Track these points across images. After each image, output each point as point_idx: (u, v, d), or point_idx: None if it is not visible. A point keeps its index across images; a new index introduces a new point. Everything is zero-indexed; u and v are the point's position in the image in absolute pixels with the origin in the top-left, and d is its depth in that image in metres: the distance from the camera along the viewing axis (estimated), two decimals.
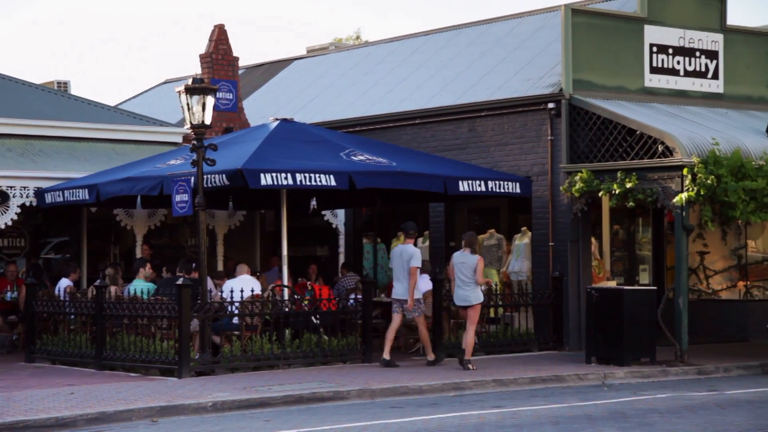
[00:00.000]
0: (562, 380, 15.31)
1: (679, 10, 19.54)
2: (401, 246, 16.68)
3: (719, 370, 16.42)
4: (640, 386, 15.01)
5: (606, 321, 16.54)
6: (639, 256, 21.10)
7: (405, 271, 16.35)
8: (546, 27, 21.27)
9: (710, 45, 19.90)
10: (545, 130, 18.96)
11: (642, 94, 19.28)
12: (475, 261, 16.27)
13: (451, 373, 15.50)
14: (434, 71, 22.53)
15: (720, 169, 16.61)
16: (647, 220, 21.08)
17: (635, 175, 17.37)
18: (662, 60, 19.44)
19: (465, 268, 16.32)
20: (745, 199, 16.73)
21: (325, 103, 23.94)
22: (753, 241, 21.35)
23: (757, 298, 20.83)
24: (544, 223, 18.98)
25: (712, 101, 19.95)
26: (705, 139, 17.22)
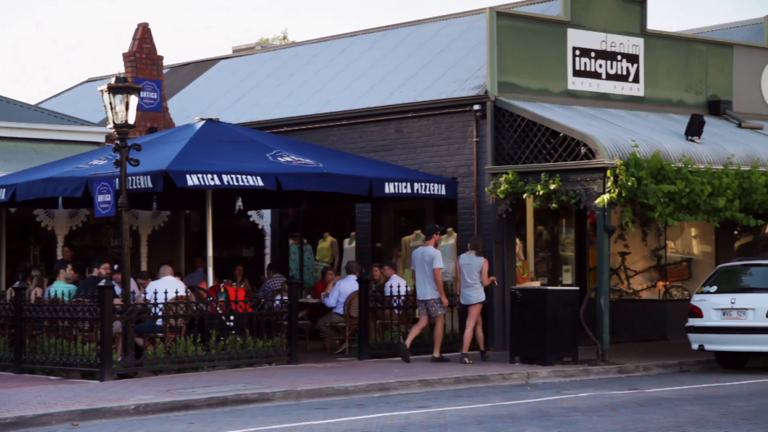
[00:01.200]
0: (486, 380, 15.45)
1: (601, 14, 19.85)
2: (421, 248, 17.26)
3: (639, 369, 16.71)
4: (562, 385, 15.21)
5: (530, 321, 16.73)
6: (562, 256, 21.38)
7: (426, 273, 16.94)
8: (472, 29, 21.44)
9: (631, 49, 20.26)
10: (471, 132, 19.11)
11: (565, 96, 19.55)
12: (481, 262, 17.08)
13: (376, 373, 15.54)
14: (361, 72, 22.56)
15: (640, 171, 16.91)
16: (570, 221, 21.37)
17: (559, 176, 17.60)
18: (585, 63, 19.73)
19: (470, 269, 17.08)
20: (664, 201, 17.06)
21: (252, 104, 23.81)
22: (672, 242, 21.79)
23: (675, 298, 21.26)
24: (470, 224, 19.12)
25: (633, 104, 20.31)
26: (626, 141, 17.52)
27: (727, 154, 18.46)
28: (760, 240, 22.44)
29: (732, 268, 17.66)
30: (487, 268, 17.15)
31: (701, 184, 17.26)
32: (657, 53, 20.60)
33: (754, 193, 17.87)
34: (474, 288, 17.09)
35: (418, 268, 17.18)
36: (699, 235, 21.93)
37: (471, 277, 17.11)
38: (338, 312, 18.52)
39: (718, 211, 17.57)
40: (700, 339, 17.01)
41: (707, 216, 17.64)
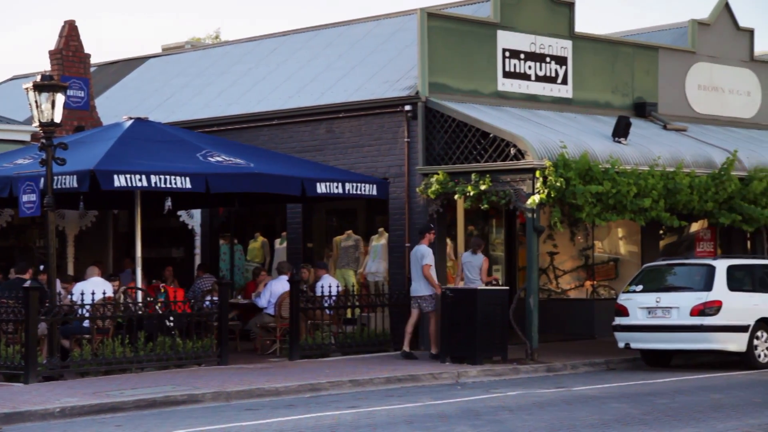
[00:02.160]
0: (417, 380, 15.51)
1: (530, 16, 20.05)
2: (416, 247, 17.73)
3: (567, 368, 16.92)
4: (492, 384, 15.34)
5: (460, 321, 16.84)
6: (492, 256, 21.55)
7: (419, 270, 17.48)
8: (402, 30, 21.50)
9: (560, 51, 20.50)
10: (402, 133, 19.17)
11: (495, 97, 19.71)
12: (481, 261, 17.72)
13: (307, 374, 15.50)
14: (292, 72, 22.49)
15: (569, 172, 17.12)
16: (500, 222, 21.56)
17: (489, 177, 17.75)
18: (514, 65, 19.91)
19: (471, 267, 17.72)
20: (592, 202, 17.29)
21: (181, 103, 23.59)
22: (599, 242, 22.10)
23: (603, 297, 21.56)
24: (401, 224, 19.18)
25: (561, 106, 20.56)
26: (555, 142, 17.72)
27: (653, 155, 18.78)
28: (684, 240, 22.88)
29: (657, 267, 17.97)
30: (486, 266, 17.79)
31: (627, 185, 17.54)
32: (585, 55, 20.88)
33: (679, 194, 18.21)
34: (475, 286, 17.58)
35: (412, 266, 17.80)
36: (626, 235, 22.27)
37: (472, 274, 17.75)
38: (269, 312, 18.45)
39: (644, 212, 17.87)
40: (626, 337, 17.28)
41: (633, 216, 17.93)
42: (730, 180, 18.97)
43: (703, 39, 22.69)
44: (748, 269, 17.47)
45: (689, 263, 17.94)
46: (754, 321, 16.71)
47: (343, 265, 20.71)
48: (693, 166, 19.07)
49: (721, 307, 16.55)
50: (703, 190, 18.63)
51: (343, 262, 20.75)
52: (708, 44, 22.76)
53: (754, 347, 16.71)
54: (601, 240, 22.12)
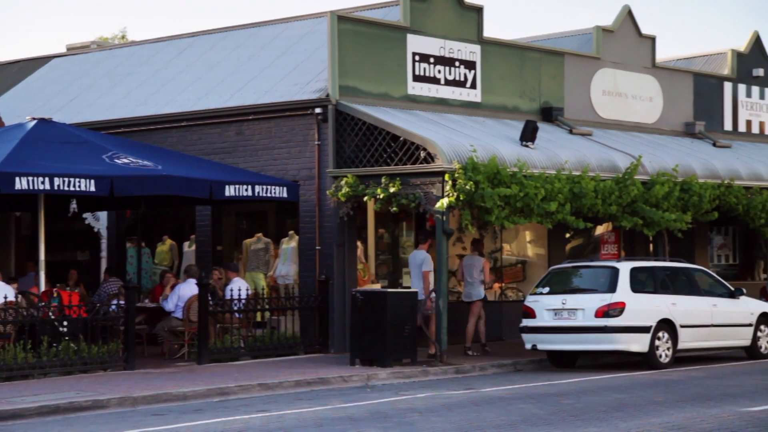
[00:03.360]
0: (327, 382, 15.49)
1: (439, 20, 20.21)
2: (415, 252, 18.13)
3: (476, 369, 17.10)
4: (401, 386, 15.41)
5: (370, 323, 16.88)
6: (403, 259, 21.66)
7: (418, 275, 17.81)
8: (313, 33, 21.47)
9: (469, 55, 20.71)
10: (312, 135, 19.14)
11: (405, 101, 19.81)
12: (481, 262, 18.63)
13: (216, 378, 15.36)
14: (201, 74, 22.28)
15: (478, 175, 17.31)
16: (411, 224, 21.67)
17: (399, 180, 17.83)
18: (424, 69, 20.05)
19: (471, 269, 18.60)
20: (500, 205, 17.51)
21: (87, 104, 23.16)
22: (508, 244, 22.38)
23: (511, 299, 21.84)
24: (311, 227, 19.15)
25: (470, 110, 20.76)
26: (464, 146, 17.89)
27: (560, 159, 19.09)
28: (589, 242, 23.32)
29: (563, 269, 18.27)
30: (488, 267, 18.76)
31: (535, 189, 17.80)
32: (493, 60, 21.14)
33: (584, 198, 18.55)
34: (474, 286, 18.52)
35: (412, 271, 18.15)
36: (533, 238, 22.60)
37: (471, 275, 18.58)
38: (177, 316, 18.24)
39: (551, 215, 18.16)
40: (533, 339, 17.53)
41: (541, 219, 18.20)
42: (634, 184, 19.40)
43: (608, 45, 23.16)
44: (650, 271, 17.89)
45: (594, 265, 18.29)
46: (655, 322, 17.11)
47: (253, 268, 20.58)
48: (598, 170, 19.44)
49: (624, 309, 16.90)
50: (608, 194, 19.01)
51: (253, 265, 20.63)
52: (612, 50, 23.24)
53: (656, 348, 17.11)
54: (509, 242, 22.40)
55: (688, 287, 18.13)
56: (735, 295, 18.53)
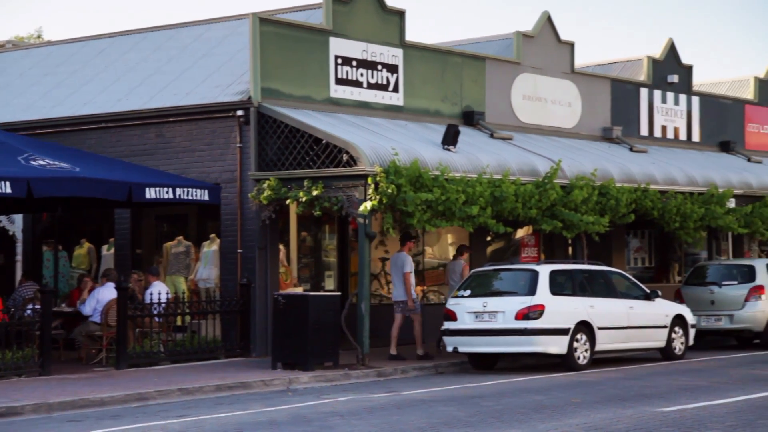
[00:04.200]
0: (248, 387, 15.40)
1: (362, 24, 20.25)
2: (396, 254, 18.76)
3: (397, 372, 17.16)
4: (323, 390, 15.39)
5: (292, 327, 16.83)
6: (325, 262, 21.64)
7: (399, 276, 18.41)
8: (234, 35, 21.33)
9: (391, 59, 20.78)
10: (234, 138, 19.02)
11: (328, 104, 19.80)
12: (461, 266, 19.44)
13: (134, 383, 15.16)
14: (120, 75, 21.97)
15: (400, 179, 17.38)
16: (333, 228, 21.66)
17: (321, 183, 17.82)
18: (347, 72, 20.06)
19: (454, 274, 19.37)
20: (422, 208, 17.61)
21: (2, 104, 22.67)
22: (430, 247, 22.51)
23: (433, 302, 21.96)
24: (233, 230, 19.02)
25: (393, 113, 20.84)
26: (387, 149, 17.95)
27: (481, 163, 19.27)
28: (510, 246, 23.58)
29: (484, 272, 18.44)
30: (467, 271, 19.23)
31: (456, 192, 17.94)
32: (415, 64, 21.24)
33: (505, 202, 18.74)
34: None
35: (393, 272, 18.73)
36: (455, 241, 22.75)
37: (454, 279, 19.30)
38: (95, 321, 17.95)
39: (472, 218, 18.32)
40: (454, 341, 17.65)
41: (462, 223, 18.34)
42: (553, 188, 19.66)
43: (528, 50, 23.45)
44: (569, 274, 18.14)
45: (514, 268, 18.49)
46: (574, 324, 17.36)
47: (174, 272, 20.37)
48: (518, 174, 19.67)
49: (543, 311, 17.11)
50: (528, 198, 19.24)
51: (174, 268, 20.42)
52: (532, 56, 23.53)
53: (574, 349, 17.36)
54: (431, 246, 22.53)
55: (605, 290, 18.44)
56: (651, 298, 18.90)
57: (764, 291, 21.18)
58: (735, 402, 13.05)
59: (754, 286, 21.24)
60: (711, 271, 22.26)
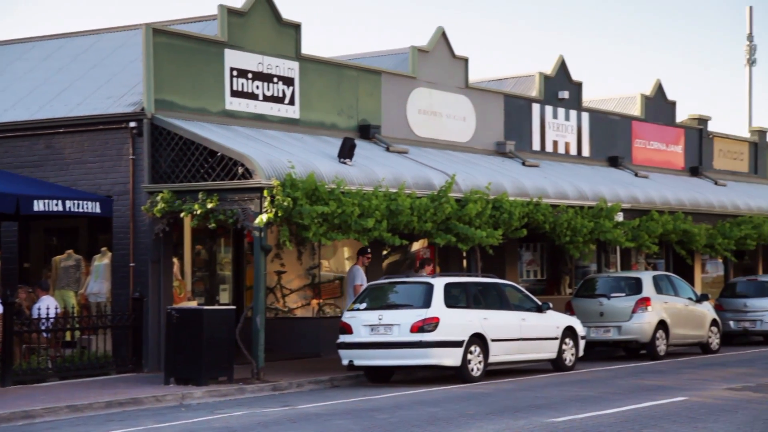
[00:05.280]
0: (139, 403, 15.13)
1: (257, 36, 20.16)
2: (352, 267, 19.73)
3: (293, 386, 17.08)
4: (217, 405, 15.22)
5: (185, 341, 16.61)
6: (220, 275, 21.44)
7: (350, 289, 19.11)
8: (127, 45, 21.01)
9: (287, 72, 20.74)
10: (127, 149, 18.72)
11: (223, 116, 19.65)
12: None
13: (20, 400, 14.74)
14: (6, 84, 21.42)
15: (296, 192, 17.34)
16: (228, 241, 21.48)
17: (216, 196, 17.66)
18: (242, 84, 19.95)
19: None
20: (318, 221, 17.60)
21: None
22: (326, 260, 22.50)
23: (328, 315, 21.95)
24: (125, 243, 18.71)
25: (289, 126, 20.79)
26: (283, 162, 17.90)
27: (377, 176, 19.37)
28: (406, 258, 23.73)
29: (380, 285, 18.50)
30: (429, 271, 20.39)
31: (352, 206, 17.98)
32: (311, 77, 21.25)
33: (400, 215, 18.87)
34: None
35: (347, 285, 19.54)
36: (351, 254, 22.79)
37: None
38: None
39: (368, 231, 18.38)
40: (350, 354, 17.65)
41: (358, 235, 18.39)
42: (448, 202, 19.87)
43: (423, 65, 23.68)
44: (464, 287, 18.34)
45: (409, 281, 18.60)
46: (468, 336, 17.55)
47: (63, 286, 19.90)
48: (414, 188, 19.82)
49: (438, 324, 17.26)
50: (423, 211, 19.40)
51: (63, 282, 19.95)
52: (427, 70, 23.78)
53: (468, 361, 17.54)
54: (327, 259, 22.52)
55: (499, 302, 18.70)
56: (542, 310, 19.23)
57: (650, 303, 21.77)
58: (623, 411, 13.37)
59: (641, 298, 21.82)
60: (600, 283, 22.79)
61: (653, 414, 13.08)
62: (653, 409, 13.48)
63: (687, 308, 22.76)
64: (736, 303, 25.68)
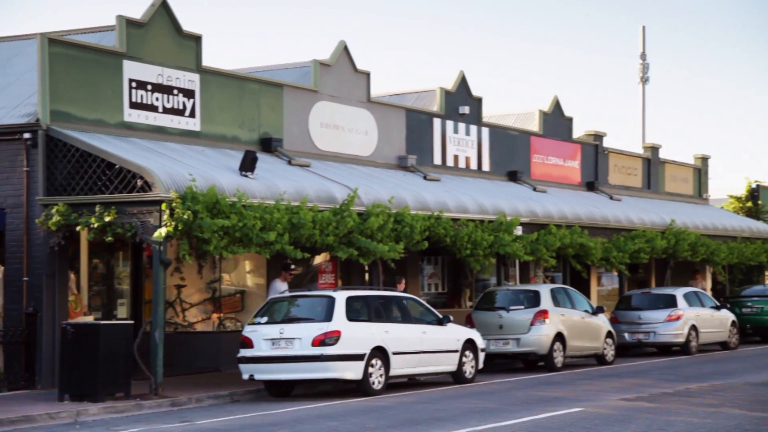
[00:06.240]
0: (32, 420, 14.76)
1: (157, 48, 19.92)
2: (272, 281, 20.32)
3: (192, 401, 16.87)
4: (114, 421, 14.94)
5: (81, 357, 16.28)
6: (118, 290, 21.07)
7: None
8: (22, 55, 20.54)
9: (187, 84, 20.54)
10: (21, 161, 18.30)
11: (122, 128, 19.35)
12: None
13: None
14: None
15: (197, 205, 17.16)
16: (127, 254, 21.13)
17: (114, 209, 17.38)
18: (141, 96, 19.68)
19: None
20: (219, 235, 17.44)
21: None
22: (227, 274, 22.30)
23: (229, 330, 21.76)
24: (19, 257, 18.26)
25: (189, 138, 20.57)
26: (183, 175, 17.70)
27: (279, 189, 19.30)
28: (308, 272, 23.68)
29: (281, 299, 18.43)
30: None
31: (254, 219, 17.88)
32: (213, 89, 21.08)
33: (302, 228, 18.83)
34: None
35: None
36: (253, 268, 22.66)
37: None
38: None
39: (270, 245, 18.30)
40: (250, 369, 17.52)
41: (259, 249, 18.29)
42: (350, 215, 19.91)
43: (325, 79, 23.71)
44: (365, 300, 18.38)
45: (311, 295, 18.56)
46: (369, 349, 17.59)
47: None
48: (316, 201, 19.81)
49: (339, 337, 17.26)
50: (325, 225, 19.40)
51: None
52: (329, 84, 23.81)
53: (369, 375, 17.58)
54: (229, 272, 22.33)
55: (400, 315, 18.80)
56: (443, 323, 19.40)
57: (548, 315, 22.14)
58: (521, 423, 13.55)
59: (539, 310, 22.17)
60: (499, 296, 23.09)
61: (550, 425, 13.29)
62: (550, 420, 13.70)
63: (583, 320, 23.21)
64: (631, 315, 26.30)
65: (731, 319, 27.93)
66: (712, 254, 31.38)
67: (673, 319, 25.95)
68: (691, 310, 26.42)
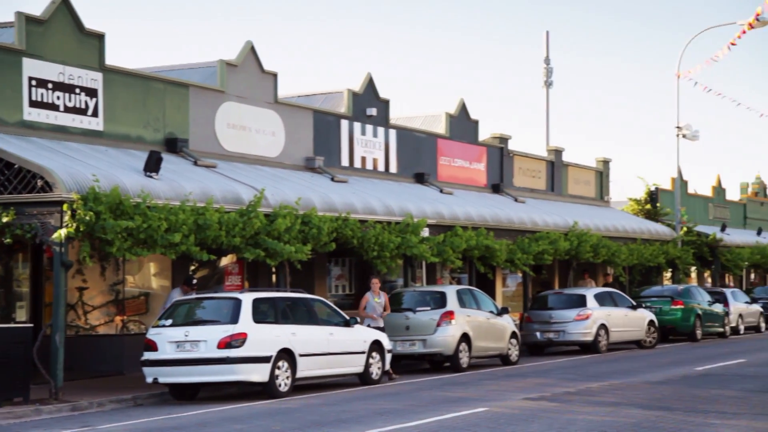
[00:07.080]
0: None
1: (58, 45, 19.52)
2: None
3: (94, 405, 16.56)
4: (11, 427, 14.60)
5: None
6: (17, 292, 20.57)
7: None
8: None
9: (90, 83, 20.16)
10: None
11: (21, 127, 18.89)
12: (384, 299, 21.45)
13: None
14: None
15: (99, 206, 16.87)
16: (26, 256, 20.64)
17: (13, 210, 16.97)
18: (42, 94, 19.24)
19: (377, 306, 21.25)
20: (123, 236, 17.17)
21: None
22: (131, 276, 21.95)
23: (133, 332, 21.42)
24: None
25: (92, 138, 20.20)
26: (85, 175, 17.37)
27: (184, 190, 19.07)
28: (214, 274, 23.46)
29: (186, 301, 18.22)
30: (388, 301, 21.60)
31: (158, 220, 17.64)
32: (116, 89, 20.73)
33: (208, 229, 18.65)
34: (379, 322, 21.05)
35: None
36: (158, 270, 22.34)
37: (376, 312, 21.19)
38: None
39: (175, 246, 18.07)
40: (154, 372, 17.28)
41: (164, 251, 18.05)
42: (257, 217, 19.79)
43: (232, 79, 23.52)
44: (272, 302, 18.29)
45: (217, 297, 18.39)
46: (276, 352, 17.51)
47: None
48: (222, 202, 19.64)
49: (246, 339, 17.13)
50: (232, 226, 19.25)
51: None
52: (236, 85, 23.63)
53: (276, 377, 17.49)
54: (133, 274, 21.98)
55: (307, 317, 18.76)
56: (350, 324, 19.42)
57: (454, 316, 22.35)
58: (427, 423, 13.65)
59: (445, 311, 22.36)
60: (407, 297, 23.22)
61: (455, 425, 13.42)
62: (455, 421, 13.83)
63: (488, 321, 23.48)
64: (543, 315, 26.77)
65: (648, 319, 28.65)
66: (613, 255, 32.08)
67: (582, 318, 26.47)
68: (601, 309, 26.99)
